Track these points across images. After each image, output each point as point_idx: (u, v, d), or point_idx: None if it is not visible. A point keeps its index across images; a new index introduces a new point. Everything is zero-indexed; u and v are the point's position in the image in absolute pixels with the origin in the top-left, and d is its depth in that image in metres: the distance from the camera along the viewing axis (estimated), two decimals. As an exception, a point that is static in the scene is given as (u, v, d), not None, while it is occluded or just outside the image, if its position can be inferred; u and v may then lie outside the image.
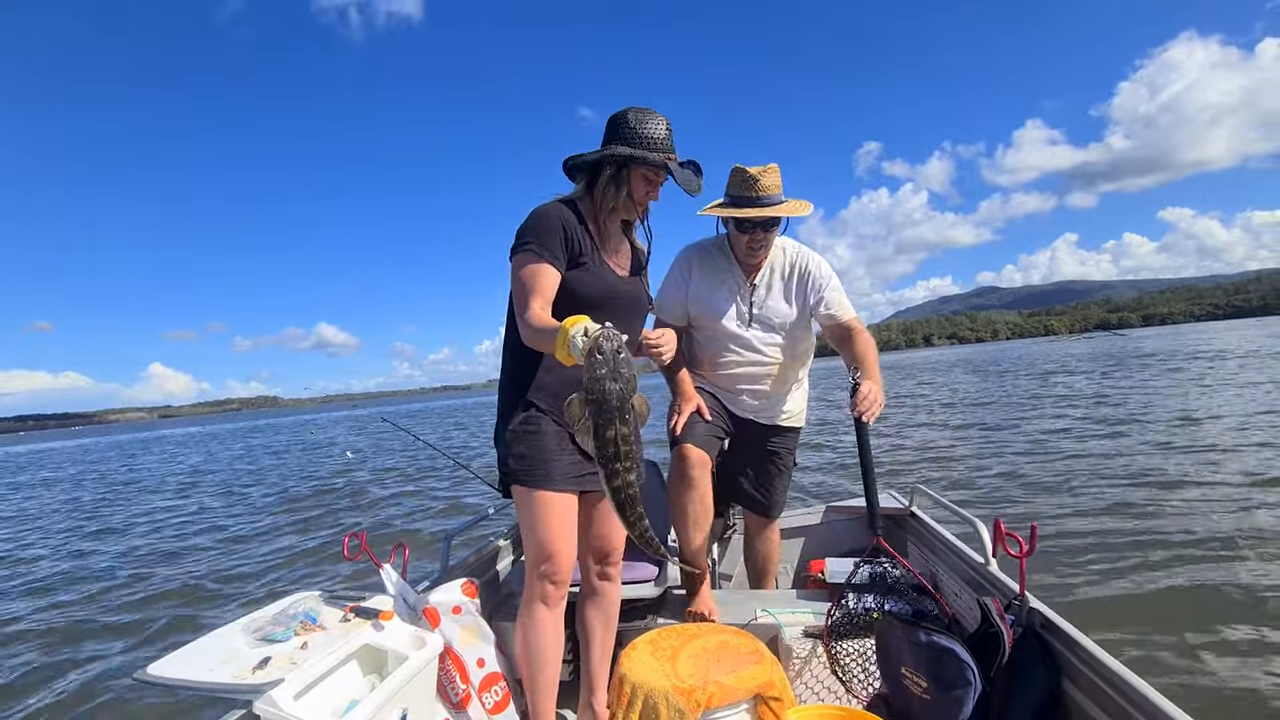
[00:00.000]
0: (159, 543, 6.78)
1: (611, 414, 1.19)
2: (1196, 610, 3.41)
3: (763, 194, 2.08)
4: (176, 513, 8.42)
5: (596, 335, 1.19)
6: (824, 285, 2.23)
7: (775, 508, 2.44)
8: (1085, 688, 1.34)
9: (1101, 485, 6.36)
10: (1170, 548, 4.36)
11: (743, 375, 2.29)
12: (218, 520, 7.76)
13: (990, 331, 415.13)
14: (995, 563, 1.80)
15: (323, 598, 1.75)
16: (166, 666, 1.34)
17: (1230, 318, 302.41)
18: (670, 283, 2.30)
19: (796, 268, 2.25)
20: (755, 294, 2.24)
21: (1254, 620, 3.26)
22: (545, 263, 1.52)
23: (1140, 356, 28.19)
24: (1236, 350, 26.50)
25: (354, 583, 4.47)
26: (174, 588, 5.16)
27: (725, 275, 2.25)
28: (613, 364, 1.18)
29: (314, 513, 7.71)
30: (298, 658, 1.43)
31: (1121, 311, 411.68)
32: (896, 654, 1.67)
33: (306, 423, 54.90)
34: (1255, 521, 4.79)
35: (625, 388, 1.19)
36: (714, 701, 1.47)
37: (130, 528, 7.79)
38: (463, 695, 1.80)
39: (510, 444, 1.62)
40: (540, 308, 1.47)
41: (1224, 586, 3.68)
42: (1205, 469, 6.60)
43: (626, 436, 1.21)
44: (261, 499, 9.03)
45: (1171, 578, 3.86)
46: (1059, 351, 48.73)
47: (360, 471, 11.12)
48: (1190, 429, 8.84)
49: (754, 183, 2.07)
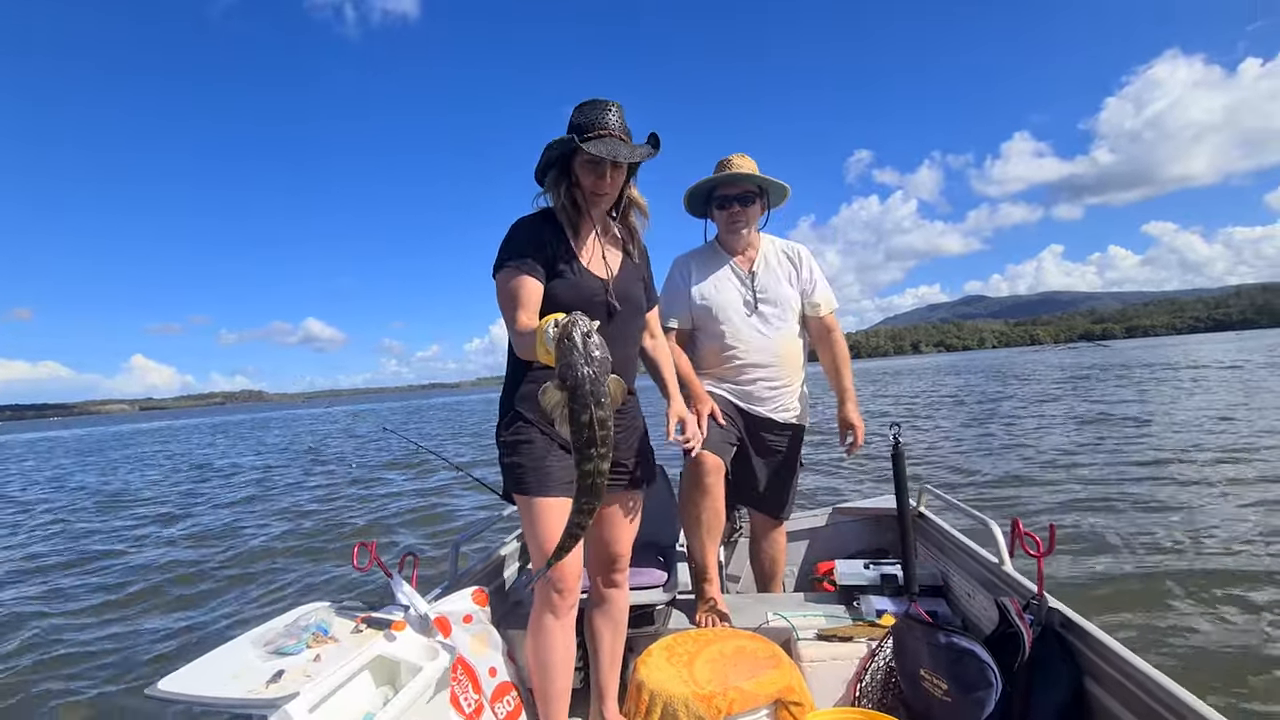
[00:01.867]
0: (146, 553, 6.69)
1: (586, 398, 1.17)
2: (1208, 605, 3.43)
3: (737, 170, 2.27)
4: (147, 529, 8.32)
5: (565, 322, 1.19)
6: (813, 272, 2.39)
7: (786, 508, 2.45)
8: (1109, 685, 1.34)
9: (1096, 485, 6.41)
10: (1181, 546, 4.40)
11: (754, 364, 2.30)
12: (212, 528, 7.68)
13: (977, 340, 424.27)
14: (1010, 563, 1.80)
15: (333, 608, 1.72)
16: (178, 681, 1.31)
17: (1211, 330, 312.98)
18: (672, 286, 2.37)
19: (787, 254, 2.40)
20: (755, 280, 2.34)
21: (1269, 608, 3.30)
22: (524, 274, 1.55)
23: (1137, 366, 28.52)
24: (1238, 362, 26.86)
25: (362, 590, 4.42)
26: (173, 597, 5.10)
27: (723, 267, 2.36)
28: (583, 348, 1.16)
29: (318, 522, 7.65)
30: (311, 670, 1.41)
31: (1106, 323, 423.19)
32: (914, 656, 1.66)
33: (298, 418, 54.23)
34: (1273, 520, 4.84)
35: (598, 371, 1.17)
36: (735, 708, 1.46)
37: (120, 535, 7.70)
38: (475, 706, 1.77)
39: (504, 453, 1.65)
40: (526, 318, 1.50)
41: (1241, 580, 3.72)
42: (1211, 470, 6.67)
43: (604, 420, 1.19)
44: (263, 507, 8.95)
45: (1182, 574, 3.88)
46: (1044, 361, 49.42)
47: (362, 479, 11.05)
48: (1193, 433, 8.94)
49: (728, 164, 2.30)
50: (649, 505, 2.10)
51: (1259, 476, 6.21)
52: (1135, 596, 3.64)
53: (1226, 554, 4.19)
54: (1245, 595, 3.56)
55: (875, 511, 2.82)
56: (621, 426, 1.65)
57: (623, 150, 1.54)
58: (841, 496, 6.07)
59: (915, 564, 1.99)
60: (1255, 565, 3.97)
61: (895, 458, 2.06)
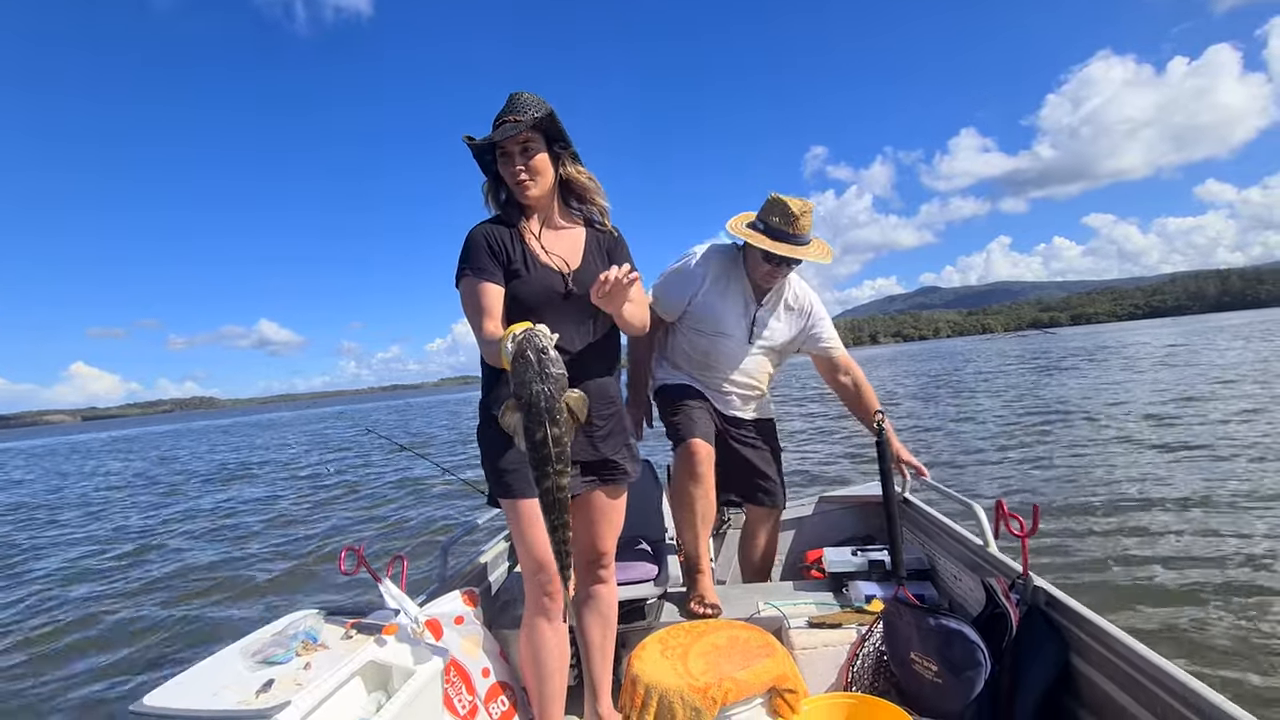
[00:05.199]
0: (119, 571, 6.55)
1: (540, 415, 1.17)
2: (1189, 582, 3.54)
3: (800, 233, 2.12)
4: (114, 553, 8.13)
5: (520, 338, 1.18)
6: (820, 320, 2.36)
7: (782, 495, 2.46)
8: (1094, 660, 1.37)
9: (1068, 467, 6.56)
10: (1163, 527, 4.52)
11: (733, 380, 2.35)
12: (194, 538, 7.53)
13: (933, 330, 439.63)
14: (995, 544, 1.83)
15: (322, 615, 1.70)
16: (165, 696, 1.28)
17: (1149, 317, 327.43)
18: (682, 278, 2.29)
19: (800, 300, 2.36)
20: (760, 313, 2.30)
21: (1245, 584, 3.41)
22: (483, 281, 1.54)
23: (1094, 350, 29.43)
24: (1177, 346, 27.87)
25: (350, 595, 4.37)
26: (147, 611, 4.99)
27: (738, 291, 2.28)
28: (538, 365, 1.16)
29: (301, 528, 7.54)
30: (301, 678, 1.39)
31: (1052, 311, 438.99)
32: (904, 639, 1.68)
33: (253, 424, 53.14)
34: (1243, 488, 5.03)
35: (554, 388, 1.17)
36: (730, 698, 1.47)
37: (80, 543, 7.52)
38: (470, 707, 1.77)
39: (483, 457, 1.65)
40: (490, 325, 1.49)
41: (1218, 556, 3.84)
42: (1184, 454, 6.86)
43: (559, 438, 1.19)
44: (242, 518, 8.79)
45: (1167, 558, 3.99)
46: (998, 349, 50.83)
47: (341, 483, 10.90)
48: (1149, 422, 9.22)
49: (794, 220, 2.11)
50: (636, 500, 2.10)
51: (1202, 447, 6.43)
52: (1112, 572, 3.75)
53: (1191, 522, 4.37)
54: (1209, 558, 3.70)
55: (861, 499, 2.85)
56: (603, 417, 1.65)
57: (508, 131, 1.49)
58: (828, 485, 6.13)
59: (902, 549, 2.02)
60: (1219, 529, 4.12)
61: (879, 444, 2.08)
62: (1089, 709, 1.40)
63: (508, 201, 1.64)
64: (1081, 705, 1.42)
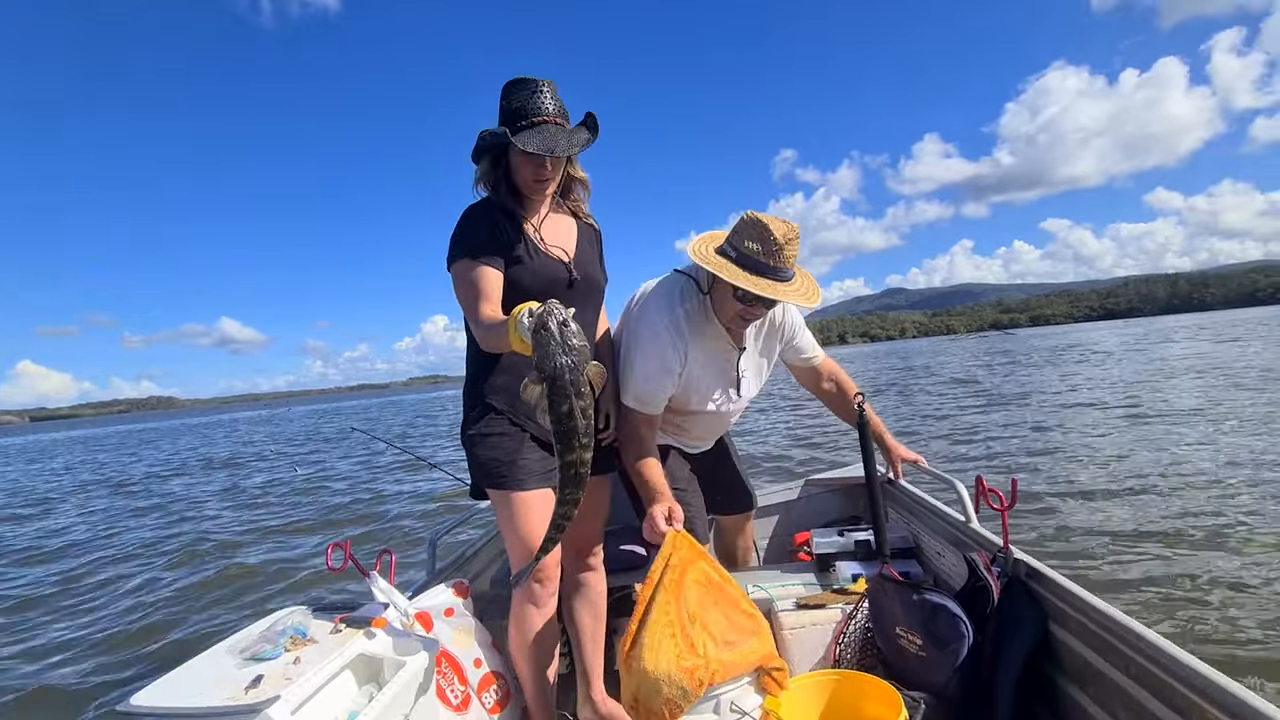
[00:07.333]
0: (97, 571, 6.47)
1: (566, 388, 1.16)
2: (1162, 551, 3.64)
3: (783, 265, 1.65)
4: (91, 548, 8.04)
5: (540, 312, 1.17)
6: (797, 330, 2.08)
7: (750, 496, 2.42)
8: (1071, 627, 1.40)
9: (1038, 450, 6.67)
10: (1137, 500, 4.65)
11: (704, 438, 2.17)
12: (162, 541, 7.44)
13: (899, 330, 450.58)
14: (976, 520, 1.86)
15: (310, 611, 1.70)
16: (153, 695, 1.27)
17: (1103, 319, 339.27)
18: (658, 370, 1.78)
19: (773, 317, 2.00)
20: (743, 360, 1.94)
21: (1221, 553, 3.54)
22: (481, 264, 1.51)
23: (1053, 350, 30.20)
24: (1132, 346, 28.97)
25: (338, 590, 4.35)
26: (137, 609, 4.94)
27: (720, 351, 1.89)
28: (560, 337, 1.15)
29: (286, 526, 7.48)
30: (291, 673, 1.39)
31: (1013, 313, 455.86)
32: (890, 615, 1.71)
33: (211, 425, 52.40)
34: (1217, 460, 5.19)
35: (577, 360, 1.17)
36: (717, 678, 1.48)
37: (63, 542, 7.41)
38: (462, 697, 1.77)
39: (473, 448, 1.63)
40: (489, 309, 1.46)
41: (1190, 526, 3.96)
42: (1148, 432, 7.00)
43: (585, 410, 1.19)
44: (223, 518, 8.70)
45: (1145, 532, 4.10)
46: (962, 346, 52.10)
47: (328, 478, 10.83)
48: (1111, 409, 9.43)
49: (777, 250, 1.63)
50: None
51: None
52: (1088, 543, 3.86)
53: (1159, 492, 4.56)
54: (1201, 542, 3.79)
55: (846, 481, 2.88)
56: None
57: (560, 142, 1.47)
58: (813, 468, 6.19)
59: (886, 528, 2.04)
60: (1187, 502, 4.23)
61: (861, 427, 2.10)
62: (1067, 675, 1.43)
63: (508, 188, 1.61)
64: (1061, 671, 1.45)
